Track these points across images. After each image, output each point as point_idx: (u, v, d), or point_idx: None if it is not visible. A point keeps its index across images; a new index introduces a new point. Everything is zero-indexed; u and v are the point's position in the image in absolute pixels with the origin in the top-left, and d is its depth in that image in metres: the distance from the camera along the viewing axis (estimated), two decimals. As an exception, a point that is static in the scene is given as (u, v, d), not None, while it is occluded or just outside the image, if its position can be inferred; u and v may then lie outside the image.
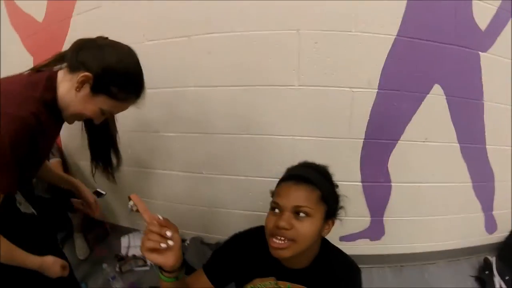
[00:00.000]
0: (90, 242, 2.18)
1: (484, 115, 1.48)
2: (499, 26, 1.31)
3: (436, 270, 1.87)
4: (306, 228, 0.82)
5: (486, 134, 1.53)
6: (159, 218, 0.73)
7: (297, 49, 1.31)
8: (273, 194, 0.89)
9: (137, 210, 2.01)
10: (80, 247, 2.07)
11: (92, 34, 1.57)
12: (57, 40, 1.72)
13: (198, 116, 1.59)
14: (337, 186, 0.98)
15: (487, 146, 1.57)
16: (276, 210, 0.84)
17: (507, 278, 1.72)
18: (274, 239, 0.81)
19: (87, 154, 1.19)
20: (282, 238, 0.81)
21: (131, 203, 2.02)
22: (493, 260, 1.79)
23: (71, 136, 1.96)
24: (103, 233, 2.29)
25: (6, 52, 1.97)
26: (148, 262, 2.00)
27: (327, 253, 0.95)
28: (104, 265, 1.87)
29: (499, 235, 1.94)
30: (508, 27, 1.32)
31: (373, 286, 1.75)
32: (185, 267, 0.83)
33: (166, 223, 0.73)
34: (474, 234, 1.88)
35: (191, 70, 1.49)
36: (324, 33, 1.27)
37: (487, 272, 1.77)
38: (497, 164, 1.64)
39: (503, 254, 1.89)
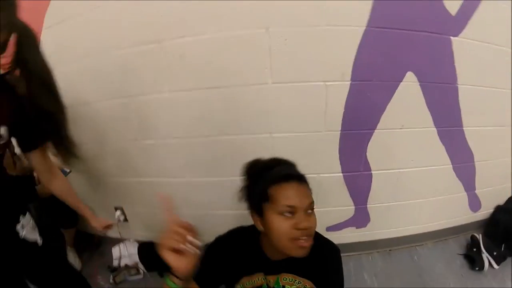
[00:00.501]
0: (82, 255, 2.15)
1: (459, 98, 1.46)
2: (469, 9, 1.28)
3: (425, 251, 1.89)
4: (316, 221, 0.86)
5: (462, 116, 1.51)
6: (183, 221, 0.71)
7: (268, 47, 1.27)
8: (265, 197, 0.86)
9: (125, 220, 1.98)
10: (72, 262, 2.02)
11: (64, 46, 1.53)
12: None
13: (174, 121, 1.55)
14: None
15: (464, 128, 1.56)
16: (288, 213, 0.82)
17: (495, 253, 1.75)
18: (301, 241, 0.82)
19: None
20: (305, 238, 0.82)
21: (118, 213, 2.00)
22: (479, 237, 1.81)
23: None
24: (93, 245, 2.25)
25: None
26: (141, 271, 1.97)
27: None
28: (99, 278, 1.84)
29: (484, 212, 1.96)
30: (479, 9, 1.29)
31: (363, 272, 1.76)
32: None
33: (190, 227, 0.71)
34: (459, 213, 1.90)
35: (164, 75, 1.45)
36: (293, 30, 1.23)
37: (475, 249, 1.79)
38: (476, 144, 1.63)
39: (489, 230, 1.92)
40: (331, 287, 0.94)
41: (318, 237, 0.96)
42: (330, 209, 1.69)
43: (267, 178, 0.88)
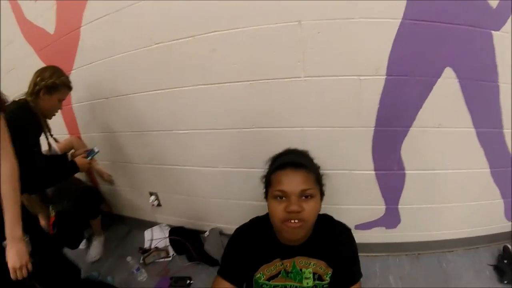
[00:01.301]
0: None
1: (500, 98, 1.35)
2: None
3: (454, 258, 1.76)
4: (312, 207, 0.88)
5: (503, 117, 1.40)
6: None
7: (300, 41, 1.25)
8: (268, 183, 0.94)
9: (158, 205, 2.06)
10: (94, 248, 2.09)
11: (102, 42, 1.60)
12: (70, 50, 1.74)
13: (208, 113, 1.57)
14: (319, 167, 1.01)
15: (504, 130, 1.44)
16: (281, 198, 0.88)
17: None
18: (289, 222, 0.87)
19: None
20: (296, 221, 0.86)
21: (152, 198, 2.07)
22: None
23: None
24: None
25: (21, 65, 2.01)
26: (171, 253, 2.01)
27: (320, 223, 0.98)
28: (129, 258, 1.90)
29: None
30: None
31: (389, 274, 1.68)
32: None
33: None
34: (493, 221, 1.75)
35: (197, 69, 1.47)
36: (326, 22, 1.20)
37: (506, 261, 1.64)
38: None
39: None
40: (346, 264, 0.99)
41: (329, 220, 1.04)
42: (360, 207, 1.63)
43: (272, 166, 0.96)
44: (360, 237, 0.96)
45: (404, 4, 1.14)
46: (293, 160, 0.92)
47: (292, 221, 0.87)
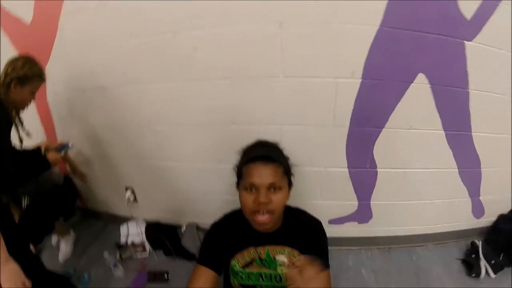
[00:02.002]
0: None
1: (470, 103, 1.46)
2: (485, 14, 1.28)
3: (424, 252, 1.91)
4: (279, 199, 0.99)
5: (472, 121, 1.52)
6: None
7: (280, 42, 1.31)
8: (240, 174, 1.03)
9: (135, 200, 2.08)
10: (63, 249, 2.09)
11: (82, 34, 1.59)
12: (47, 41, 1.72)
13: (187, 109, 1.60)
14: (289, 158, 1.10)
15: (473, 133, 1.56)
16: (252, 190, 0.97)
17: (493, 262, 1.74)
18: (258, 215, 0.97)
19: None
20: (264, 212, 0.96)
21: (128, 193, 2.09)
22: (479, 244, 1.81)
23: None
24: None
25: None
26: (147, 249, 2.05)
27: (291, 213, 1.11)
28: (105, 254, 1.92)
29: (486, 220, 1.95)
30: (495, 15, 1.29)
31: (362, 267, 1.80)
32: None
33: None
34: (461, 218, 1.90)
35: (178, 65, 1.50)
36: (306, 26, 1.26)
37: (473, 256, 1.80)
38: (484, 151, 1.63)
39: (490, 238, 1.91)
40: (315, 251, 1.04)
41: (303, 213, 1.15)
42: (334, 202, 1.73)
43: (243, 159, 1.05)
44: (333, 231, 1.06)
45: (382, 13, 1.22)
46: (263, 154, 1.00)
47: (261, 213, 0.97)
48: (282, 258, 1.07)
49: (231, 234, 1.10)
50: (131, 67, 1.59)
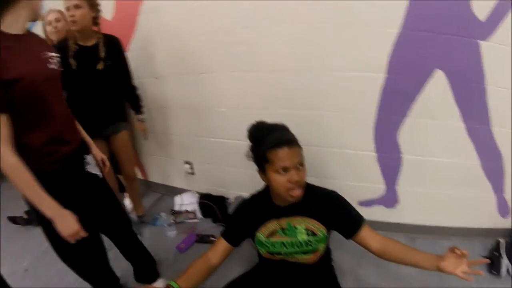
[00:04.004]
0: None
1: (488, 99, 1.79)
2: (498, 16, 1.60)
3: (449, 244, 2.07)
4: (304, 174, 1.21)
5: (491, 116, 1.82)
6: None
7: (324, 43, 1.83)
8: (265, 160, 1.19)
9: (192, 173, 2.71)
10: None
11: (157, 30, 2.24)
12: (126, 35, 2.34)
13: (244, 95, 2.17)
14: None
15: (493, 128, 1.86)
16: (284, 171, 1.16)
17: None
18: (293, 191, 1.18)
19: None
20: (297, 187, 1.18)
21: (186, 166, 2.73)
22: (503, 242, 2.04)
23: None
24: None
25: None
26: (198, 216, 2.60)
27: (308, 187, 1.29)
28: (162, 214, 2.50)
29: None
30: (508, 16, 1.59)
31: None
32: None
33: None
34: (487, 215, 2.15)
35: (236, 58, 2.09)
36: (341, 28, 1.77)
37: (496, 254, 2.00)
38: (506, 147, 1.91)
39: None
40: (343, 217, 1.29)
41: (316, 187, 1.33)
42: (363, 184, 2.16)
43: (265, 144, 1.19)
44: (362, 213, 1.32)
45: (403, 18, 1.67)
46: (286, 138, 1.19)
47: (296, 188, 1.17)
48: None
49: (255, 210, 1.34)
50: (201, 59, 2.20)
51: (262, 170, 1.23)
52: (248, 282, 1.42)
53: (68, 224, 1.18)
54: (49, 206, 1.14)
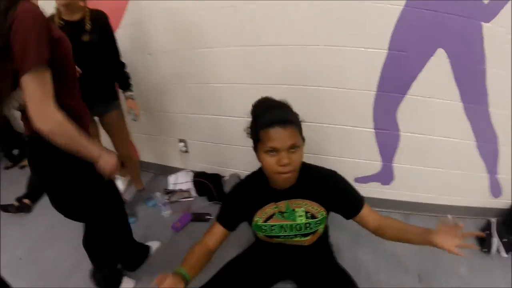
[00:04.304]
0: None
1: (487, 80, 1.83)
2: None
3: (441, 223, 2.27)
4: (298, 157, 1.16)
5: (489, 97, 1.88)
6: None
7: (326, 18, 1.82)
8: (257, 138, 1.16)
9: (186, 151, 2.72)
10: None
11: (151, 5, 2.19)
12: (118, 9, 2.32)
13: (241, 70, 2.16)
14: (298, 115, 1.23)
15: (490, 109, 1.92)
16: (273, 152, 1.12)
17: (504, 240, 2.04)
18: (283, 174, 1.14)
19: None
20: (286, 170, 1.13)
21: (181, 144, 2.74)
22: (494, 221, 2.15)
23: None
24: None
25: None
26: (193, 195, 2.62)
27: (305, 168, 1.26)
28: (158, 193, 2.52)
29: (505, 201, 2.28)
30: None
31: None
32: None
33: None
34: (479, 194, 2.25)
35: (236, 33, 2.06)
36: (344, 3, 1.76)
37: (487, 232, 2.11)
38: (502, 128, 1.97)
39: (506, 219, 2.20)
40: (344, 198, 1.29)
41: (317, 168, 1.32)
42: (360, 161, 2.21)
43: (260, 122, 1.15)
44: (358, 189, 1.33)
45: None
46: (280, 118, 1.12)
47: (284, 171, 1.13)
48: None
49: (251, 193, 1.30)
50: (195, 33, 2.17)
51: (255, 149, 1.21)
52: (245, 263, 1.41)
53: (110, 161, 1.30)
54: (94, 149, 1.24)
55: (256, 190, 1.30)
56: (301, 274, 1.41)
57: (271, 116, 1.13)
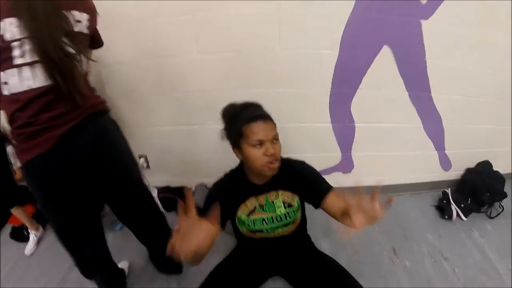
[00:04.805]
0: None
1: (428, 69, 2.08)
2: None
3: (402, 200, 2.53)
4: (279, 148, 1.28)
5: (430, 84, 2.13)
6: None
7: (278, 21, 1.90)
8: (240, 135, 1.24)
9: (147, 167, 2.60)
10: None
11: (111, 13, 2.07)
12: None
13: (201, 77, 2.17)
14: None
15: (432, 94, 2.18)
16: (259, 145, 1.22)
17: (462, 205, 2.36)
18: (271, 164, 1.24)
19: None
20: (273, 160, 1.24)
21: (141, 160, 2.65)
22: (449, 191, 2.45)
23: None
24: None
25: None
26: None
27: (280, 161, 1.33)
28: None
29: (455, 173, 2.62)
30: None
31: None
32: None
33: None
34: (432, 170, 2.56)
35: (194, 40, 2.05)
36: (298, 7, 1.85)
37: (445, 202, 2.41)
38: (444, 110, 2.26)
39: (459, 188, 2.55)
40: (313, 183, 1.39)
41: (286, 160, 1.42)
42: (321, 154, 2.38)
43: (240, 120, 1.25)
44: None
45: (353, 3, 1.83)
46: (260, 113, 1.26)
47: (271, 161, 1.23)
48: None
49: (232, 190, 1.37)
50: (153, 43, 2.12)
51: (238, 147, 1.28)
52: (232, 265, 1.47)
53: None
54: None
55: (236, 186, 1.38)
56: (288, 268, 1.50)
57: (252, 112, 1.26)
